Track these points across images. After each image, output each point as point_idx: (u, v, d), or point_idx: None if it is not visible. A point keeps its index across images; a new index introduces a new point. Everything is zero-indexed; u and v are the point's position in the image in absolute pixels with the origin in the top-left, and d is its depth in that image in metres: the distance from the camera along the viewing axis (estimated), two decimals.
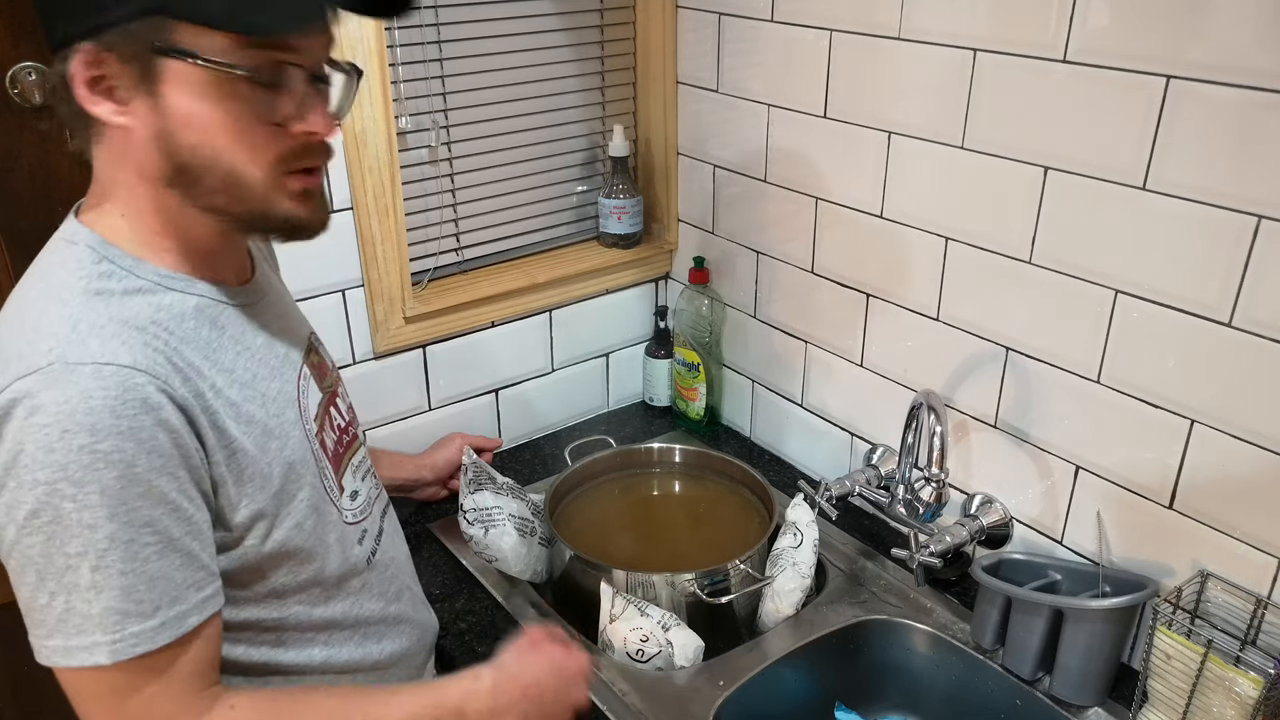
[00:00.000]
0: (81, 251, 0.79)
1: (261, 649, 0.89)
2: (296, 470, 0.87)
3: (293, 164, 0.79)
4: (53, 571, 0.73)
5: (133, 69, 0.74)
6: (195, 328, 0.82)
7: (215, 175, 0.77)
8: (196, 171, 0.77)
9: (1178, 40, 0.94)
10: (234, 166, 0.77)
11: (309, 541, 0.89)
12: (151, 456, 0.74)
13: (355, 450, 1.01)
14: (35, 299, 0.78)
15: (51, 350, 0.73)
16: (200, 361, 0.80)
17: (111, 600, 0.74)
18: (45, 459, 0.71)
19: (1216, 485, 1.02)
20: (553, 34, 1.49)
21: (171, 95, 0.74)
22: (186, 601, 0.77)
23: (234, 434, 0.81)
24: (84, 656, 0.74)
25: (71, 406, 0.71)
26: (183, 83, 0.74)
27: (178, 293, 0.81)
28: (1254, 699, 0.95)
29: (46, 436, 0.71)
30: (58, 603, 0.74)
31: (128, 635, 0.74)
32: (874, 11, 1.21)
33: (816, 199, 1.38)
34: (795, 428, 1.54)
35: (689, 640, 1.13)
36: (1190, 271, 0.99)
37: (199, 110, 0.74)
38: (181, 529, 0.76)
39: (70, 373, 0.72)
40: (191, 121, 0.75)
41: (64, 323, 0.75)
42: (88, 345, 0.74)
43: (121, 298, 0.78)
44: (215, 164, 0.76)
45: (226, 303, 0.86)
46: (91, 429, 0.71)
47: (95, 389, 0.72)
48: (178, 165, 0.77)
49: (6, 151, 1.21)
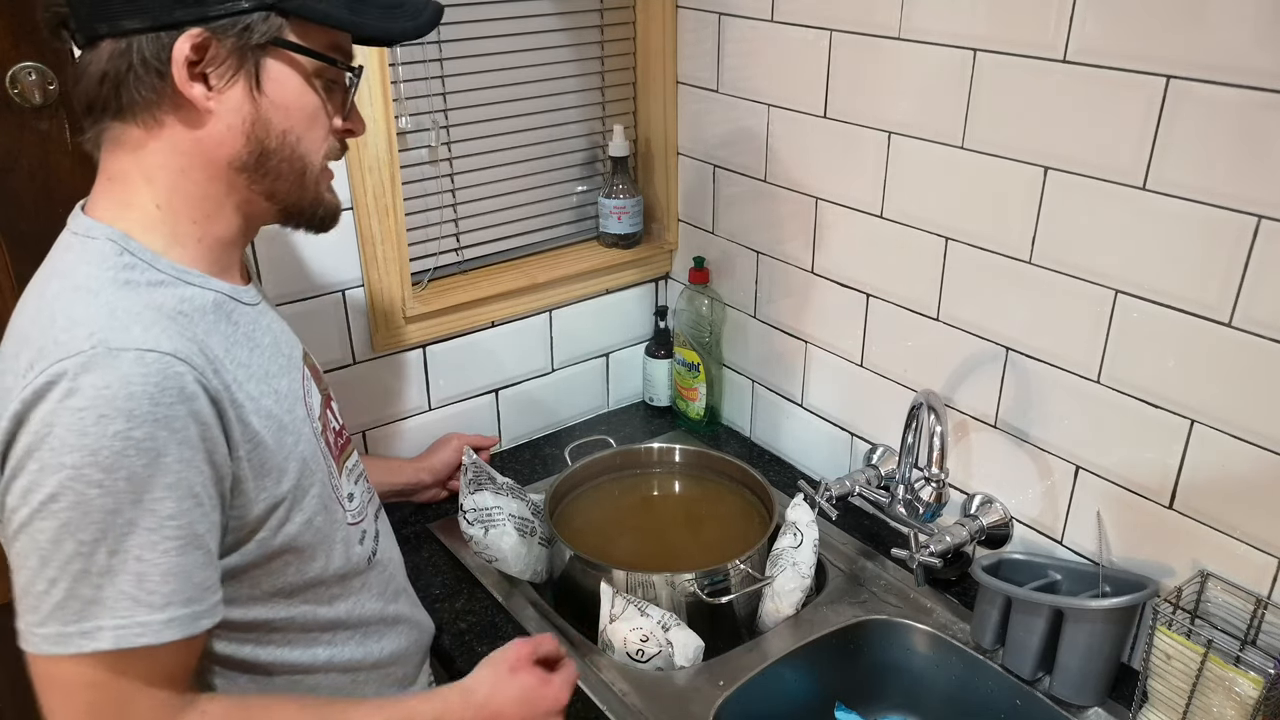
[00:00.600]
0: (103, 245, 0.79)
1: (268, 648, 0.89)
2: (309, 466, 0.88)
3: (332, 157, 0.88)
4: (57, 558, 0.72)
5: (237, 57, 0.78)
6: (215, 321, 0.82)
7: (290, 162, 0.83)
8: (276, 157, 0.82)
9: (1178, 40, 0.94)
10: (306, 152, 0.84)
11: (317, 538, 0.89)
12: (182, 448, 0.74)
13: (349, 454, 1.01)
14: (60, 292, 0.77)
15: (93, 334, 0.72)
16: (222, 354, 0.81)
17: (125, 585, 0.73)
18: (76, 443, 0.70)
19: (1216, 485, 1.02)
20: (553, 34, 1.49)
21: (272, 84, 0.80)
22: (202, 603, 0.77)
23: (256, 427, 0.81)
24: (81, 643, 0.72)
25: (112, 392, 0.71)
26: (284, 74, 0.80)
27: (196, 287, 0.82)
28: (1254, 699, 0.95)
29: (81, 420, 0.70)
30: (57, 590, 0.72)
31: (135, 624, 0.73)
32: (874, 11, 1.21)
33: (816, 199, 1.38)
34: (795, 428, 1.54)
35: (689, 640, 1.13)
36: (1190, 271, 0.99)
37: (296, 98, 0.82)
38: (205, 526, 0.76)
39: (113, 358, 0.72)
40: (288, 110, 0.81)
41: (101, 309, 0.75)
42: (130, 331, 0.74)
43: (147, 289, 0.78)
44: (294, 151, 0.83)
45: (238, 300, 0.86)
46: (129, 415, 0.71)
47: (136, 374, 0.72)
48: (262, 151, 0.82)
49: (6, 151, 1.21)
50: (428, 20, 0.87)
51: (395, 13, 0.85)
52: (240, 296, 0.87)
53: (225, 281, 0.85)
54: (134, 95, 0.78)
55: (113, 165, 0.81)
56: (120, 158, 0.81)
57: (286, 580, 0.88)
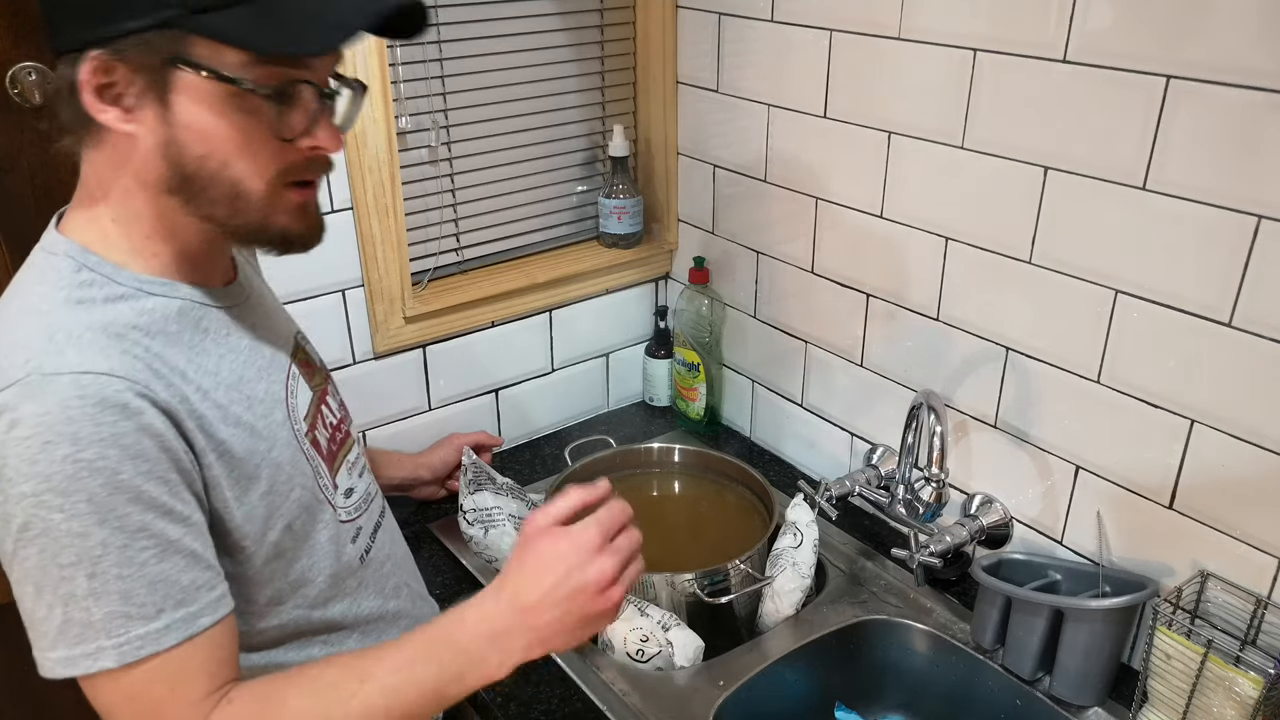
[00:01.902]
0: (61, 262, 0.78)
1: (263, 652, 0.89)
2: (286, 471, 0.87)
3: (294, 177, 0.80)
4: (48, 583, 0.73)
5: (144, 78, 0.74)
6: (178, 331, 0.81)
7: (219, 187, 0.77)
8: (201, 182, 0.77)
9: (1178, 40, 0.94)
10: (238, 179, 0.77)
11: (299, 542, 0.89)
12: (137, 462, 0.73)
13: (349, 447, 1.00)
14: (15, 313, 0.77)
15: (28, 362, 0.72)
16: (185, 365, 0.80)
17: (112, 605, 0.73)
18: (29, 471, 0.71)
19: (1216, 485, 1.02)
20: (553, 34, 1.49)
21: (182, 107, 0.74)
22: (196, 602, 0.77)
23: (222, 436, 0.81)
24: (89, 664, 0.74)
25: (52, 418, 0.71)
26: (194, 95, 0.74)
27: (160, 297, 0.81)
28: (1254, 699, 0.95)
29: (29, 449, 0.70)
30: (55, 614, 0.73)
31: (133, 638, 0.74)
32: (874, 11, 1.21)
33: (816, 199, 1.38)
34: (795, 428, 1.54)
35: (689, 640, 1.13)
36: (1190, 271, 0.99)
37: (209, 123, 0.75)
38: (179, 531, 0.76)
39: (47, 383, 0.71)
40: (201, 134, 0.75)
41: (41, 333, 0.74)
42: (65, 355, 0.73)
43: (103, 305, 0.78)
44: (220, 176, 0.77)
45: (211, 305, 0.85)
46: (73, 438, 0.71)
47: (73, 398, 0.71)
48: (183, 175, 0.77)
49: (6, 151, 1.21)
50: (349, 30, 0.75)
51: (313, 24, 0.74)
52: (214, 300, 0.85)
53: (199, 286, 0.84)
54: (69, 117, 0.77)
55: (81, 178, 0.81)
56: (84, 171, 0.81)
57: (274, 586, 0.88)
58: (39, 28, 0.81)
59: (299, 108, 0.77)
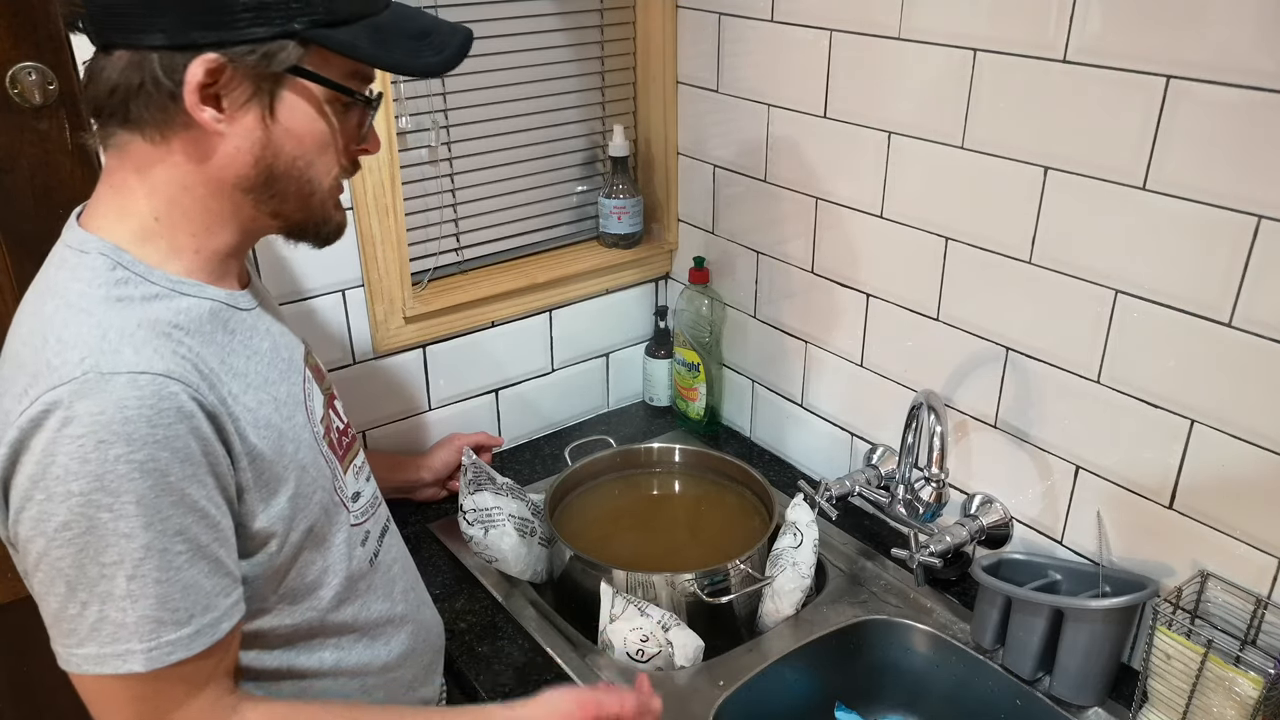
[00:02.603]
0: (95, 260, 0.78)
1: (274, 653, 0.89)
2: (310, 474, 0.87)
3: (345, 176, 0.87)
4: (85, 581, 0.73)
5: (252, 83, 0.76)
6: (211, 332, 0.82)
7: (298, 184, 0.82)
8: (285, 181, 0.81)
9: (1178, 40, 0.94)
10: (316, 177, 0.83)
11: (319, 544, 0.89)
12: (184, 465, 0.74)
13: (355, 451, 1.01)
14: (54, 312, 0.76)
15: (84, 360, 0.72)
16: (218, 366, 0.80)
17: (147, 609, 0.74)
18: (80, 470, 0.70)
19: (1216, 485, 1.02)
20: (553, 34, 1.49)
21: (285, 111, 0.79)
22: (218, 608, 0.78)
23: (253, 439, 0.81)
24: (117, 664, 0.74)
25: (108, 417, 0.71)
26: (301, 101, 0.79)
27: (191, 298, 0.81)
28: (1254, 699, 0.95)
29: (81, 448, 0.70)
30: (90, 612, 0.73)
31: (163, 644, 0.74)
32: (874, 11, 1.22)
33: (816, 199, 1.38)
34: (795, 428, 1.54)
35: (689, 640, 1.13)
36: (1190, 271, 0.99)
37: (309, 126, 0.80)
38: (210, 536, 0.77)
39: (105, 382, 0.71)
40: (299, 137, 0.80)
41: (92, 331, 0.74)
42: (121, 354, 0.73)
43: (142, 304, 0.78)
44: (304, 175, 0.82)
45: (234, 307, 0.86)
46: (128, 439, 0.71)
47: (131, 398, 0.72)
48: (270, 174, 0.80)
49: (6, 151, 1.21)
50: (454, 53, 0.83)
51: (422, 45, 0.82)
52: (237, 303, 0.86)
53: (222, 289, 0.85)
54: (142, 111, 0.77)
55: (116, 173, 0.81)
56: (124, 166, 0.80)
57: (289, 587, 0.88)
58: (39, 28, 0.80)
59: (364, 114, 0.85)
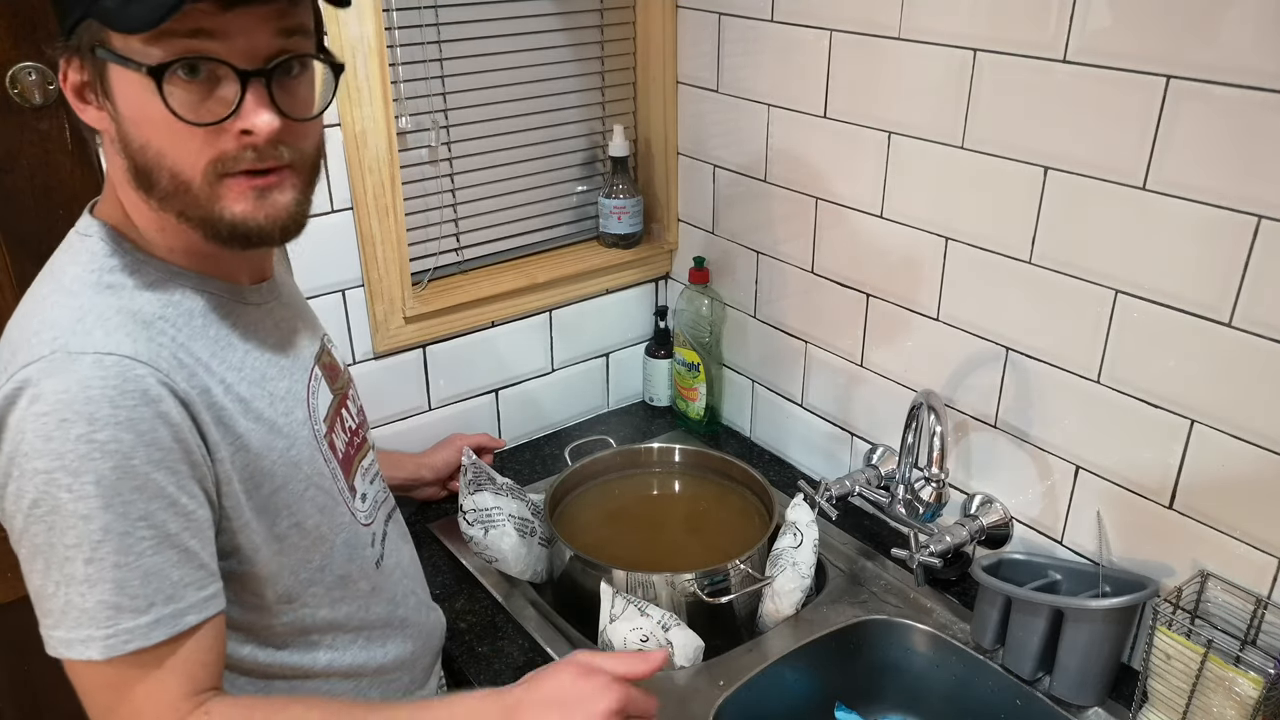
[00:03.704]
0: (95, 244, 0.79)
1: (267, 650, 0.89)
2: (303, 470, 0.87)
3: (232, 167, 0.75)
4: (55, 561, 0.73)
5: (90, 71, 0.75)
6: (204, 324, 0.82)
7: (163, 177, 0.75)
8: (150, 173, 0.75)
9: (1178, 40, 0.94)
10: (176, 169, 0.74)
11: (312, 542, 0.89)
12: (150, 449, 0.73)
13: (365, 453, 1.01)
14: (47, 294, 0.78)
15: (55, 340, 0.73)
16: (208, 357, 0.80)
17: (105, 594, 0.73)
18: (44, 448, 0.71)
19: (1216, 485, 1.02)
20: (553, 34, 1.49)
21: (118, 96, 0.74)
22: (184, 600, 0.77)
23: (240, 430, 0.81)
24: (81, 650, 0.74)
25: (71, 395, 0.71)
26: (122, 83, 0.73)
27: (189, 289, 0.82)
28: (1254, 699, 0.95)
29: (45, 425, 0.71)
30: (60, 593, 0.74)
31: (120, 631, 0.74)
32: (874, 11, 1.21)
33: (816, 199, 1.38)
34: (795, 428, 1.54)
35: (689, 640, 1.13)
36: (1190, 271, 0.99)
37: (136, 109, 0.74)
38: (179, 525, 0.76)
39: (71, 361, 0.72)
40: (134, 122, 0.74)
41: (70, 314, 0.75)
42: (91, 335, 0.74)
43: (133, 291, 0.78)
44: (160, 165, 0.75)
45: (238, 301, 0.86)
46: (90, 418, 0.71)
47: (94, 378, 0.72)
48: (136, 166, 0.76)
49: (6, 151, 1.21)
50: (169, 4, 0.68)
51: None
52: (243, 297, 0.86)
53: (226, 281, 0.85)
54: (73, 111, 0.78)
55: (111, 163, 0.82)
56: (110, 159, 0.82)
57: (285, 585, 0.88)
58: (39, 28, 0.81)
59: (216, 89, 0.72)
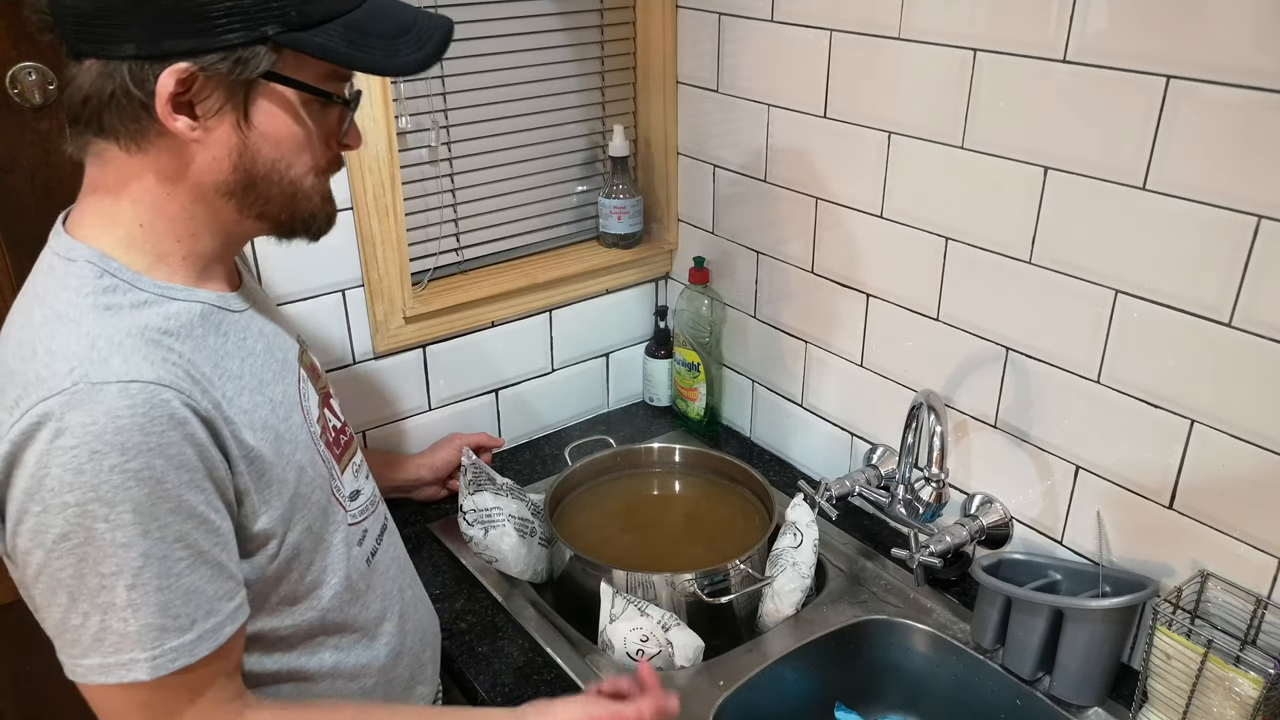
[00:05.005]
0: (82, 268, 0.77)
1: (274, 655, 0.89)
2: (308, 473, 0.87)
3: (328, 171, 0.87)
4: (86, 592, 0.73)
5: (226, 90, 0.76)
6: (203, 336, 0.81)
7: (280, 186, 0.82)
8: (265, 184, 0.81)
9: (1178, 40, 0.94)
10: (298, 177, 0.83)
11: (316, 544, 0.89)
12: (180, 471, 0.74)
13: (353, 451, 1.01)
14: (42, 321, 0.76)
15: (73, 370, 0.72)
16: (211, 370, 0.80)
17: (150, 617, 0.73)
18: (75, 480, 0.70)
19: (1216, 485, 1.02)
20: (553, 34, 1.49)
21: (261, 116, 0.78)
22: (220, 613, 0.77)
23: (251, 442, 0.81)
24: (122, 674, 0.74)
25: (100, 427, 0.70)
26: (275, 104, 0.78)
27: (181, 302, 0.81)
28: (1254, 699, 0.95)
29: (75, 459, 0.70)
30: (92, 622, 0.73)
31: (167, 650, 0.74)
32: (874, 11, 1.22)
33: (816, 199, 1.38)
34: (795, 428, 1.54)
35: (689, 640, 1.13)
36: (1190, 271, 0.99)
37: (286, 129, 0.80)
38: (210, 541, 0.77)
39: (96, 392, 0.71)
40: (276, 139, 0.80)
41: (80, 341, 0.74)
42: (110, 363, 0.73)
43: (130, 311, 0.77)
44: (284, 176, 0.81)
45: (225, 309, 0.85)
46: (122, 448, 0.71)
47: (123, 407, 0.71)
48: (250, 178, 0.80)
49: (6, 151, 1.21)
50: (433, 51, 0.83)
51: (399, 44, 0.81)
52: (228, 305, 0.86)
53: (212, 290, 0.84)
54: (115, 121, 0.76)
55: (98, 180, 0.80)
56: (105, 174, 0.79)
57: (289, 588, 0.88)
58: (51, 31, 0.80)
59: (344, 113, 0.85)
